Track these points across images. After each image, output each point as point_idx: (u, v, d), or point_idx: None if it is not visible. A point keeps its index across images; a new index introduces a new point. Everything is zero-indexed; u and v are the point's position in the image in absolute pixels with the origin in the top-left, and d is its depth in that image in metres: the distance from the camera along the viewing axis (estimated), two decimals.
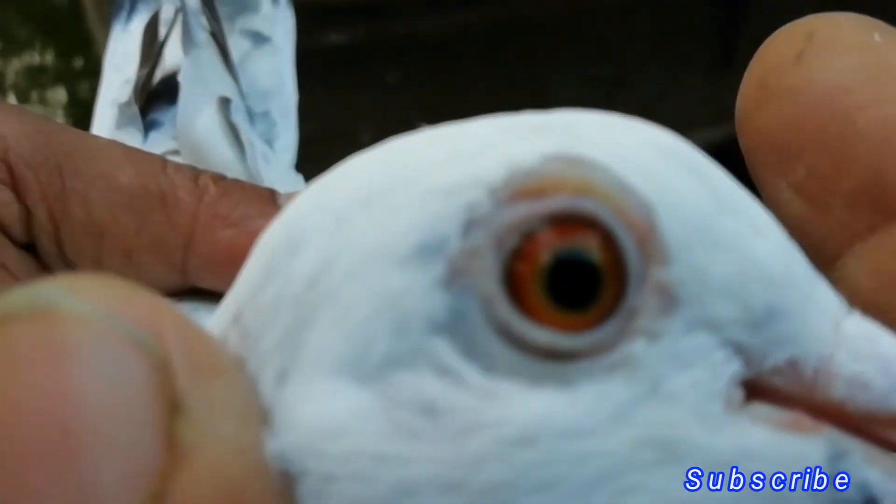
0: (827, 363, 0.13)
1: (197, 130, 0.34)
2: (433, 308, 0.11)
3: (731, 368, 0.12)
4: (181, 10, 0.36)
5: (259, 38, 0.39)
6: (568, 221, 0.12)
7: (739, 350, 0.12)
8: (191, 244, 0.26)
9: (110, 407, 0.11)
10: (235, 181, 0.28)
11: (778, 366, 0.13)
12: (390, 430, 0.11)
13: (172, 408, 0.11)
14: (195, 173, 0.27)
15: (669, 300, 0.12)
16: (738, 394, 0.12)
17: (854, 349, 0.13)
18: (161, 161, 0.28)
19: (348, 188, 0.13)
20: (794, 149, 0.15)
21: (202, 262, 0.26)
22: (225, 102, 0.34)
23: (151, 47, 0.37)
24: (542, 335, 0.11)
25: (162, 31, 0.37)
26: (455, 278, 0.11)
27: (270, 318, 0.12)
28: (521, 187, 0.12)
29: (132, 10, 0.39)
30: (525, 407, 0.11)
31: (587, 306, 0.12)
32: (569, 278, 0.11)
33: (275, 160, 0.36)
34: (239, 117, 0.35)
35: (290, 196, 0.29)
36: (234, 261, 0.17)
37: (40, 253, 0.27)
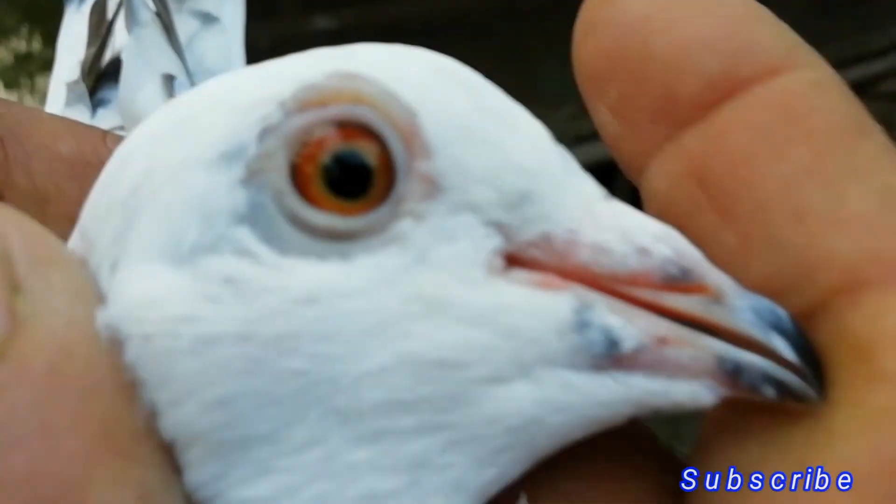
0: (575, 234, 0.15)
1: (139, 105, 0.35)
2: (235, 202, 0.14)
3: (492, 242, 0.15)
4: None
5: (208, 18, 0.40)
6: (345, 127, 0.14)
7: (499, 227, 0.15)
8: None
9: None
10: None
11: (533, 240, 0.15)
12: (196, 297, 0.14)
13: (13, 288, 0.13)
14: None
15: (433, 187, 0.14)
16: (500, 263, 0.15)
17: (599, 223, 0.15)
18: (101, 133, 0.29)
19: (168, 114, 0.15)
20: (607, 74, 0.17)
21: None
22: (169, 79, 0.35)
23: (99, 27, 0.37)
24: (322, 219, 0.14)
25: (110, 12, 0.37)
26: (252, 177, 0.14)
27: (104, 222, 0.15)
28: (305, 100, 0.14)
29: None
30: (309, 275, 0.14)
31: (361, 195, 0.14)
32: (347, 173, 0.14)
33: None
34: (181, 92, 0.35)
35: None
36: None
37: None
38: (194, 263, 0.14)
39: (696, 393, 0.15)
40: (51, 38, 1.51)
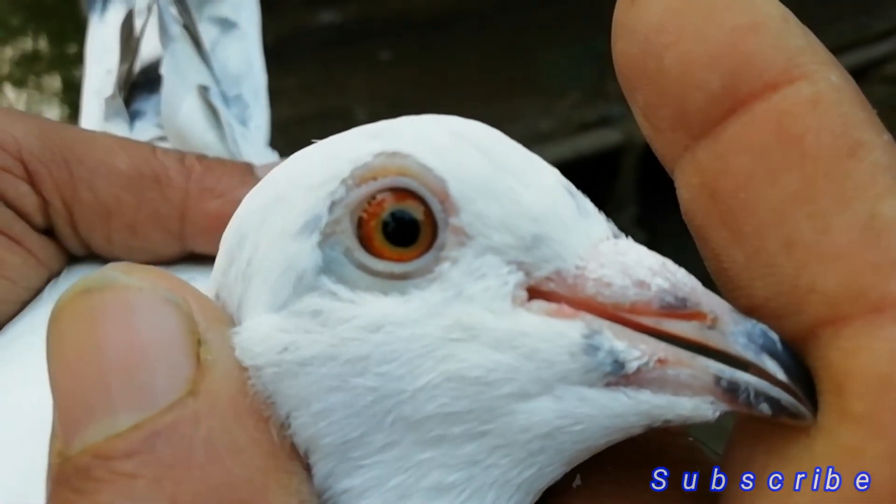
0: (582, 270, 0.18)
1: (180, 118, 0.36)
2: (315, 260, 0.18)
3: (514, 278, 0.18)
4: (154, 2, 0.37)
5: (226, 24, 0.41)
6: (396, 192, 0.18)
7: (519, 265, 0.18)
8: (185, 215, 0.30)
9: (160, 339, 0.17)
10: (216, 159, 0.32)
11: (548, 275, 0.18)
12: (292, 330, 0.18)
13: (197, 340, 0.17)
14: (181, 155, 0.31)
15: (463, 236, 0.18)
16: (523, 295, 0.18)
17: (602, 260, 0.18)
18: (150, 147, 0.31)
19: (265, 195, 0.20)
20: (634, 81, 0.18)
21: (196, 229, 0.30)
22: (204, 90, 0.36)
23: (129, 42, 0.38)
24: (383, 266, 0.18)
25: (137, 25, 0.38)
26: (326, 239, 0.18)
27: (232, 290, 0.19)
28: (360, 176, 0.18)
29: (106, 1, 0.41)
30: (374, 308, 0.18)
31: (412, 244, 0.18)
32: (401, 225, 0.18)
33: (251, 139, 0.38)
34: (217, 101, 0.36)
35: (265, 167, 0.31)
36: (222, 225, 0.20)
37: (58, 236, 0.30)
38: (290, 308, 0.18)
39: (698, 407, 0.17)
40: (57, 37, 1.52)
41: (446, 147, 0.18)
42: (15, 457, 0.22)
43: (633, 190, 1.63)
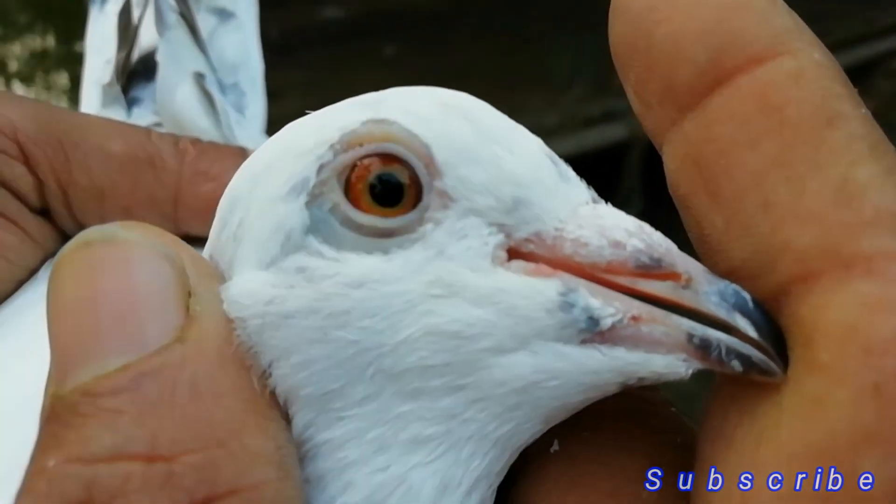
0: (561, 232, 0.19)
1: (176, 104, 0.36)
2: (303, 220, 0.19)
3: (495, 239, 0.19)
4: None
5: (224, 14, 0.41)
6: (382, 157, 0.19)
7: (501, 227, 0.19)
8: (179, 198, 0.31)
9: (153, 290, 0.18)
10: (210, 143, 0.32)
11: (528, 237, 0.19)
12: (278, 285, 0.19)
13: (188, 293, 0.18)
14: (175, 139, 0.31)
15: (447, 199, 0.19)
16: (502, 256, 0.19)
17: (580, 222, 0.19)
18: (145, 130, 0.31)
19: (257, 162, 0.21)
20: (626, 60, 0.19)
21: (190, 212, 0.31)
22: (199, 77, 0.36)
23: (126, 31, 0.39)
24: (368, 220, 0.19)
25: (135, 14, 0.39)
26: (314, 199, 0.19)
27: (224, 251, 0.20)
28: (348, 142, 0.19)
29: None
30: (358, 265, 0.18)
31: (397, 204, 0.19)
32: (387, 188, 0.19)
33: (247, 126, 0.39)
34: (213, 89, 0.37)
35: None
36: (216, 209, 0.21)
37: (53, 217, 0.31)
38: (277, 265, 0.19)
39: (671, 364, 0.18)
40: (64, 34, 1.53)
41: (432, 115, 0.19)
42: (11, 429, 0.23)
43: (638, 185, 1.63)
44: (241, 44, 0.41)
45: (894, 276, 0.15)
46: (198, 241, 0.32)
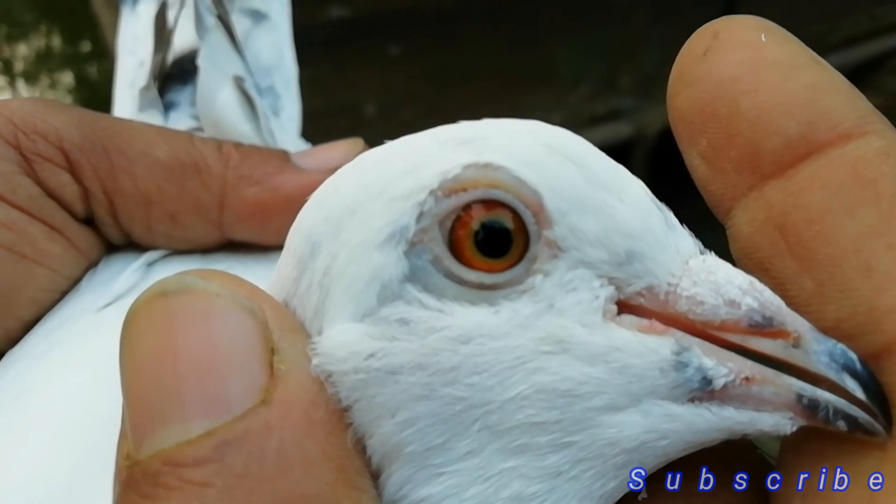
0: (675, 288, 0.18)
1: (217, 109, 0.36)
2: (402, 268, 0.18)
3: (606, 292, 0.18)
4: None
5: (258, 16, 0.41)
6: (487, 203, 0.18)
7: (611, 280, 0.18)
8: (224, 203, 0.30)
9: (236, 347, 0.17)
10: (253, 146, 0.32)
11: (640, 291, 0.18)
12: (380, 338, 0.18)
13: (271, 349, 0.17)
14: (218, 143, 0.31)
15: (557, 249, 0.18)
16: (613, 309, 0.18)
17: (694, 278, 0.18)
18: (188, 136, 0.31)
19: (337, 204, 0.19)
20: (699, 125, 0.19)
21: (235, 216, 0.30)
22: (240, 81, 0.36)
23: (162, 34, 0.38)
24: (474, 276, 0.18)
25: (170, 16, 0.39)
26: (413, 248, 0.18)
27: (306, 298, 0.19)
28: (450, 188, 0.18)
29: None
30: (465, 318, 0.18)
31: (503, 255, 0.18)
32: (492, 235, 0.18)
33: (284, 129, 0.38)
34: (252, 92, 0.37)
35: (301, 154, 0.32)
36: (261, 212, 0.20)
37: (98, 225, 0.31)
38: (375, 316, 0.18)
39: (778, 423, 0.18)
40: (70, 34, 1.52)
41: (539, 159, 0.18)
42: (57, 442, 0.23)
43: (644, 183, 1.63)
44: (274, 45, 0.41)
45: None
46: (242, 246, 0.32)
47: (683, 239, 0.19)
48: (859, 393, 0.17)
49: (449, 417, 0.18)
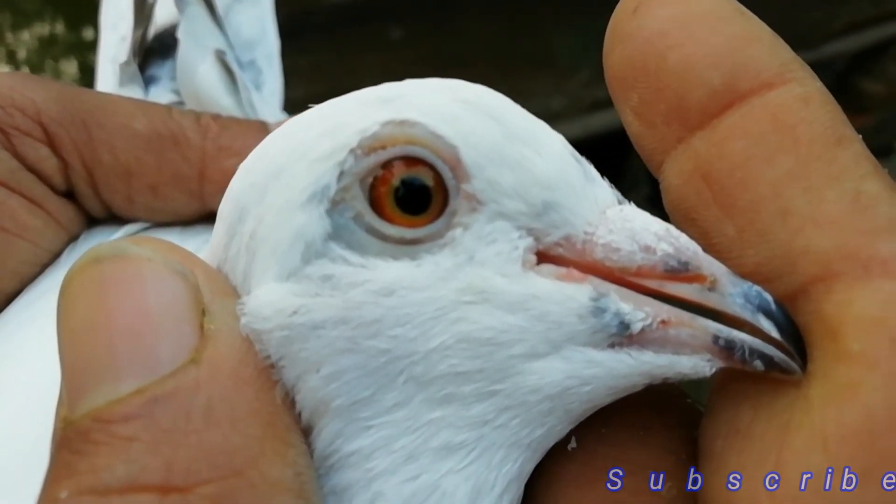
0: (591, 236, 0.18)
1: (197, 81, 0.36)
2: (324, 227, 0.18)
3: (524, 243, 0.18)
4: None
5: None
6: (406, 160, 0.18)
7: (529, 231, 0.18)
8: (204, 174, 0.31)
9: (166, 309, 0.17)
10: (231, 118, 0.32)
11: (558, 240, 0.19)
12: (303, 294, 0.18)
13: (201, 311, 0.18)
14: (197, 115, 0.31)
15: (475, 202, 0.18)
16: (532, 259, 0.18)
17: (611, 226, 0.18)
18: (167, 108, 0.31)
19: (263, 168, 0.20)
20: (630, 81, 0.20)
21: (215, 188, 0.31)
22: (221, 54, 0.37)
23: (143, 8, 0.39)
24: (394, 230, 0.18)
25: None
26: (335, 206, 0.18)
27: (235, 262, 0.19)
28: (369, 146, 0.18)
29: None
30: (387, 272, 0.18)
31: (423, 211, 0.18)
32: (412, 192, 0.18)
33: (265, 103, 0.39)
34: (233, 66, 0.37)
35: (279, 124, 0.32)
36: None
37: (78, 198, 0.31)
38: (299, 275, 0.18)
39: (697, 365, 0.18)
40: (73, 21, 1.53)
41: (456, 114, 0.19)
42: (27, 417, 0.23)
43: (646, 168, 1.62)
44: (257, 20, 0.41)
45: None
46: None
47: (602, 190, 0.19)
48: (774, 332, 0.17)
49: (374, 370, 0.18)
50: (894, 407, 0.16)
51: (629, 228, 0.19)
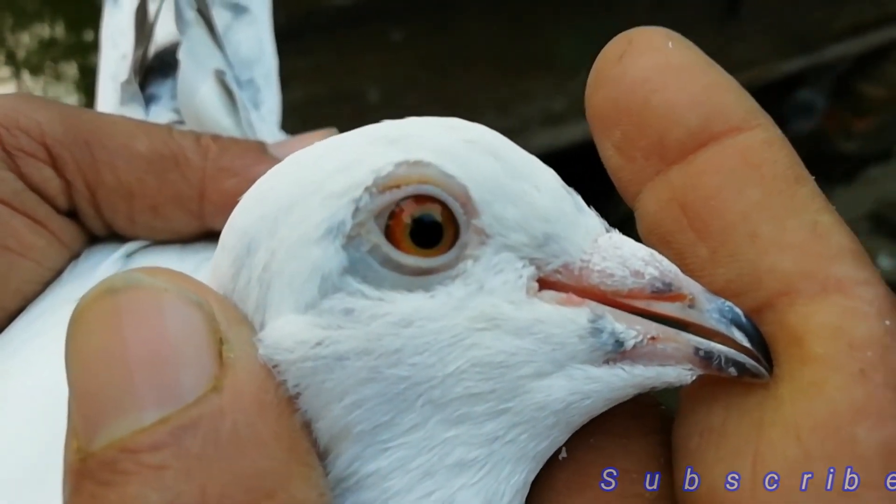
0: (587, 263, 0.20)
1: (197, 102, 0.37)
2: (340, 261, 0.19)
3: (528, 271, 0.20)
4: None
5: (238, 9, 0.41)
6: (418, 198, 0.19)
7: (532, 260, 0.20)
8: (204, 195, 0.31)
9: (185, 339, 0.18)
10: (230, 138, 0.33)
11: (557, 268, 0.20)
12: (326, 327, 0.19)
13: (219, 339, 0.18)
14: (196, 136, 0.32)
15: (484, 236, 0.20)
16: (534, 286, 0.20)
17: (603, 253, 0.20)
18: (168, 128, 0.32)
19: (273, 202, 0.20)
20: (614, 119, 0.22)
21: (215, 208, 0.31)
22: (220, 74, 0.37)
23: (143, 27, 0.39)
24: (410, 260, 0.19)
25: (151, 10, 0.39)
26: (350, 241, 0.19)
27: (246, 294, 0.20)
28: (384, 185, 0.19)
29: None
30: (404, 304, 0.19)
31: (436, 244, 0.19)
32: (425, 228, 0.19)
33: (264, 121, 0.39)
34: (232, 86, 0.37)
35: (277, 145, 0.33)
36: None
37: (81, 218, 0.31)
38: (318, 308, 0.19)
39: (680, 375, 0.20)
40: (73, 23, 1.52)
41: (463, 154, 0.20)
42: (31, 432, 0.23)
43: None
44: (255, 39, 0.41)
45: (858, 294, 0.19)
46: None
47: (591, 219, 0.21)
48: (745, 342, 0.19)
49: (394, 396, 0.19)
50: (855, 401, 0.18)
51: (620, 255, 0.20)
